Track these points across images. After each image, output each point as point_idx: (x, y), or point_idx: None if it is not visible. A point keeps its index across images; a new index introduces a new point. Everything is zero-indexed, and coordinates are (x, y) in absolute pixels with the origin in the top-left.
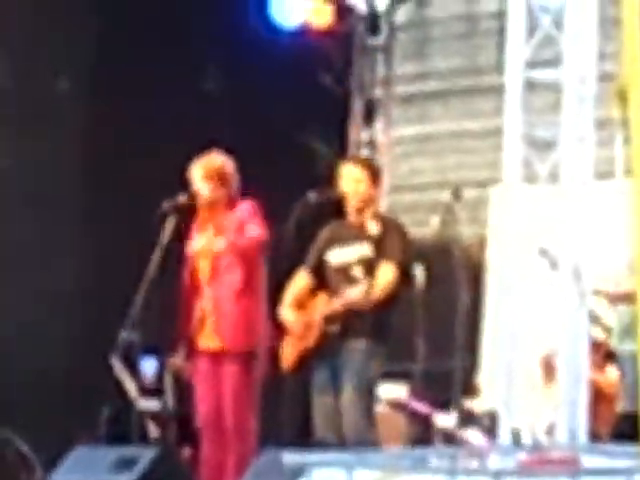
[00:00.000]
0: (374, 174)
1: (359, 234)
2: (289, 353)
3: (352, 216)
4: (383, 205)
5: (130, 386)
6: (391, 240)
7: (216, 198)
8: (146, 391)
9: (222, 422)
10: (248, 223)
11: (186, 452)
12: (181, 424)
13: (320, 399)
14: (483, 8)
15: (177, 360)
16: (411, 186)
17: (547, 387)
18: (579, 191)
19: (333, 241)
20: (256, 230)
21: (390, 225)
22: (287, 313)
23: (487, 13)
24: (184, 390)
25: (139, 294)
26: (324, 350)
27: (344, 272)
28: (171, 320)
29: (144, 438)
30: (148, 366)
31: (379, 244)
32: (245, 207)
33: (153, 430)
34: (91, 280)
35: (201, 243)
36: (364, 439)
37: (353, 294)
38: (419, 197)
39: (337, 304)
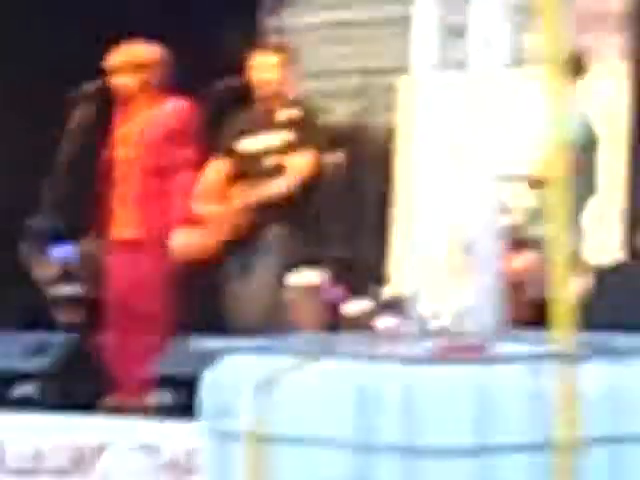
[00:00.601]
0: (287, 59)
1: (274, 121)
2: (204, 243)
3: (266, 103)
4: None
5: (41, 272)
6: (308, 127)
7: (136, 89)
8: (57, 277)
9: (133, 308)
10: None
11: (99, 339)
12: (93, 309)
13: (235, 286)
14: None
15: (89, 245)
16: (325, 72)
17: (455, 274)
18: (491, 77)
19: (246, 130)
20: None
21: (305, 111)
22: (199, 206)
23: None
24: (96, 276)
25: (47, 181)
26: (241, 239)
27: (260, 160)
28: (84, 206)
29: (54, 324)
30: (60, 251)
31: (296, 131)
32: (172, 106)
33: (63, 316)
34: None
35: (122, 132)
36: (278, 324)
37: (275, 187)
38: (333, 84)
39: (257, 196)
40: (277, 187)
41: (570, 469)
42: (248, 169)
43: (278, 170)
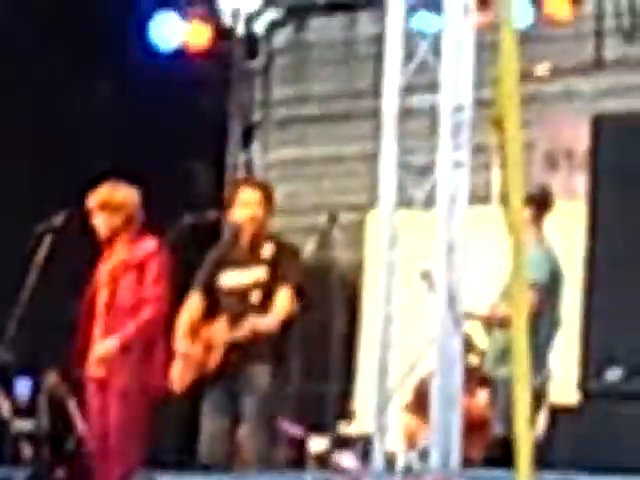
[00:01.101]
0: (269, 196)
1: (254, 257)
2: (184, 377)
3: (246, 239)
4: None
5: (4, 407)
6: (287, 263)
7: (112, 230)
8: (20, 411)
9: (107, 444)
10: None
11: (60, 472)
12: (55, 444)
13: (213, 422)
14: (361, 32)
15: (51, 380)
16: (288, 209)
17: (419, 412)
18: (455, 216)
19: (225, 264)
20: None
21: (284, 248)
22: (181, 343)
23: (365, 37)
24: (58, 410)
25: (14, 314)
26: (222, 374)
27: (240, 296)
28: (45, 341)
29: (17, 459)
30: (22, 386)
31: (275, 267)
32: (147, 246)
33: (27, 450)
34: None
35: (102, 273)
36: (268, 463)
37: (263, 323)
38: (296, 220)
39: (242, 332)
40: (266, 324)
41: None
42: (228, 304)
43: (261, 306)
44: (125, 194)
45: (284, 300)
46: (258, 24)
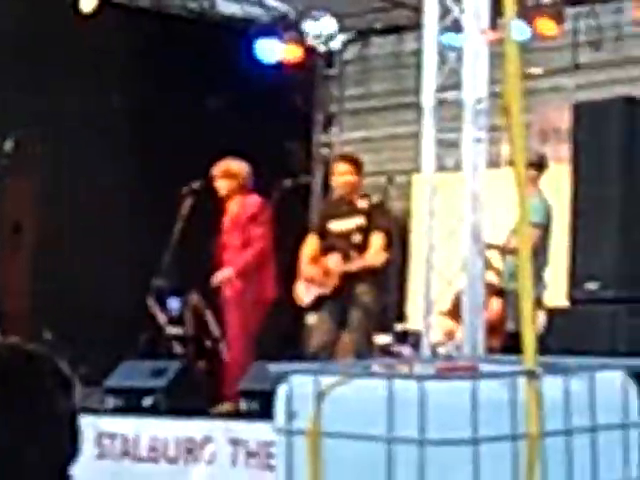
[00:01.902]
0: (357, 166)
1: (353, 210)
2: (308, 294)
3: (345, 197)
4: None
5: (161, 318)
6: (378, 215)
7: (230, 190)
8: (172, 321)
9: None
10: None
11: (201, 364)
12: (197, 344)
13: (325, 324)
14: (407, 47)
15: (193, 300)
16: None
17: (455, 316)
18: (476, 177)
19: (332, 215)
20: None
21: (375, 203)
22: (307, 268)
23: (409, 51)
24: (199, 320)
25: (166, 253)
26: (337, 294)
27: (346, 237)
28: (189, 271)
29: (171, 355)
30: (173, 303)
31: (369, 217)
32: (250, 200)
33: (177, 349)
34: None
35: (226, 221)
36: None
37: (370, 259)
38: (365, 182)
39: (355, 266)
40: (370, 262)
41: (536, 454)
42: (337, 243)
43: (361, 245)
44: (239, 165)
45: (379, 242)
46: (334, 43)
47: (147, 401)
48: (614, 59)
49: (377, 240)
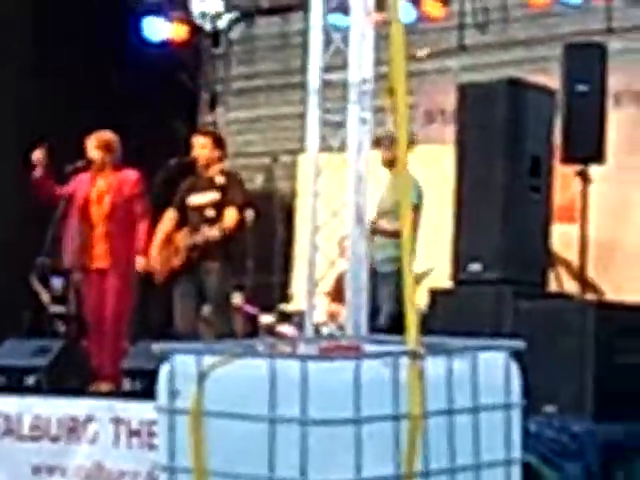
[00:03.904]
0: (215, 140)
1: (210, 184)
2: (160, 271)
3: (203, 172)
4: (227, 166)
5: (44, 296)
6: (233, 189)
7: (104, 162)
8: (55, 299)
9: (105, 321)
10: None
11: (83, 343)
12: (80, 323)
13: (183, 304)
14: (293, 28)
15: (76, 277)
16: (243, 154)
17: (338, 298)
18: (361, 157)
19: (191, 189)
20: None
21: (232, 178)
22: (154, 250)
23: (296, 31)
24: (80, 299)
25: (48, 232)
26: (187, 269)
27: (200, 212)
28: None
29: (55, 333)
30: (56, 282)
31: (225, 192)
32: (129, 175)
33: (60, 327)
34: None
35: (94, 194)
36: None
37: (210, 232)
38: (249, 161)
39: (198, 238)
40: (212, 233)
41: (418, 433)
42: (192, 217)
43: (214, 220)
44: (114, 138)
45: (230, 216)
46: (221, 22)
47: (30, 380)
48: (500, 41)
49: (230, 215)
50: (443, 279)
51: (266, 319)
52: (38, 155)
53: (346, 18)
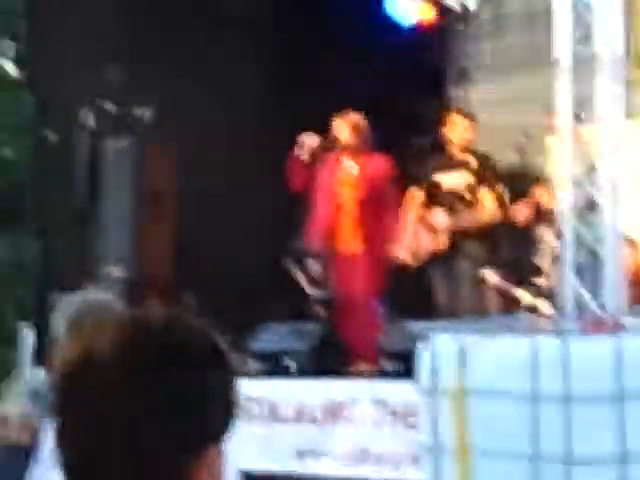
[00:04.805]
0: (472, 122)
1: (461, 164)
2: (413, 255)
3: (454, 151)
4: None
5: (302, 280)
6: (487, 172)
7: (353, 144)
8: (313, 283)
9: (360, 304)
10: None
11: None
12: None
13: (441, 284)
14: (539, 5)
15: (326, 260)
16: (491, 127)
17: None
18: (616, 129)
19: (439, 168)
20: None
21: (484, 159)
22: (406, 237)
23: (542, 9)
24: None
25: (300, 216)
26: (446, 250)
27: (454, 193)
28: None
29: (314, 317)
30: (313, 265)
31: (478, 174)
32: (380, 160)
33: (320, 311)
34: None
35: (343, 176)
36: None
37: (479, 216)
38: (498, 139)
39: (466, 222)
40: (478, 219)
41: None
42: (445, 197)
43: (470, 202)
44: (363, 121)
45: (490, 202)
46: (470, 2)
47: (291, 363)
48: None
49: (488, 200)
50: None
51: (522, 295)
52: (308, 140)
53: None
